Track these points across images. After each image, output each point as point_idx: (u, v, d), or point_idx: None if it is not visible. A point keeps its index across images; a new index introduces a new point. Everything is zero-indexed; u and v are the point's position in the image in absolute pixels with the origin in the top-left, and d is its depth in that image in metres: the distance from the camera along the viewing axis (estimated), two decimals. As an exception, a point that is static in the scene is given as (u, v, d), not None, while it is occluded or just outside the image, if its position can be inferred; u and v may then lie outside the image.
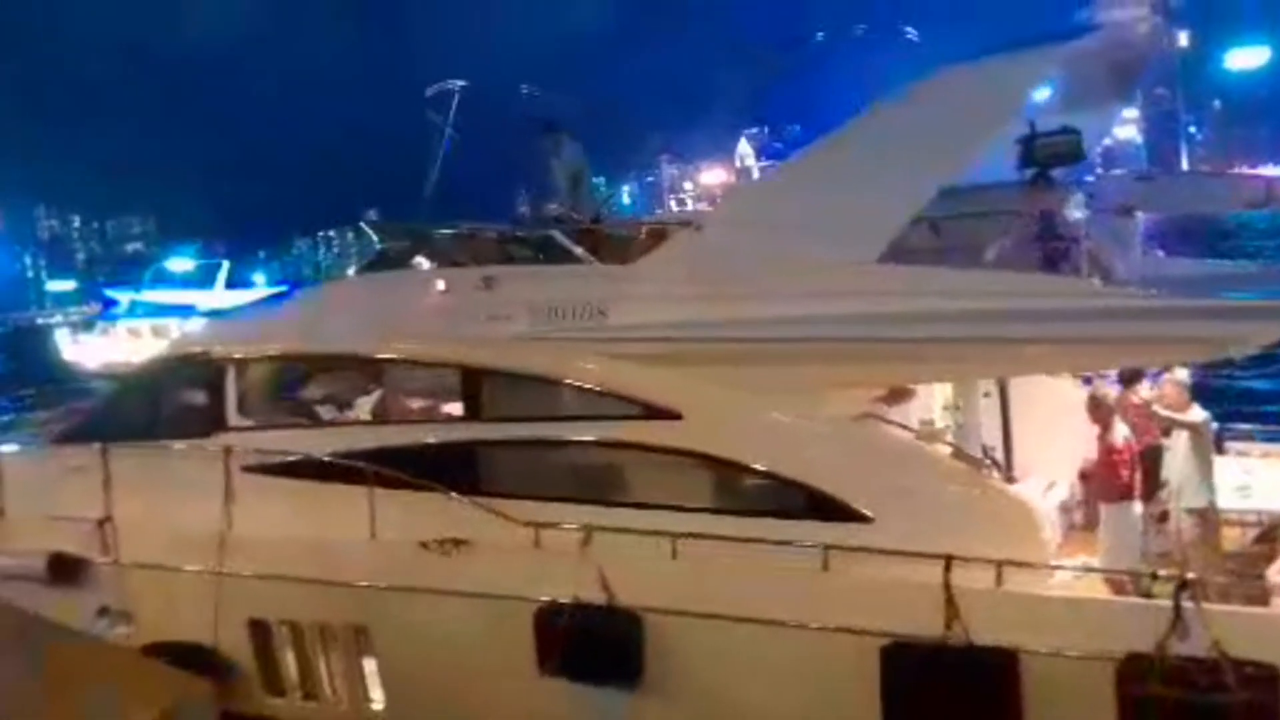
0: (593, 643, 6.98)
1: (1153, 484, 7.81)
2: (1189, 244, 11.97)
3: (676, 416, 7.55)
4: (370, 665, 8.23)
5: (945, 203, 7.14)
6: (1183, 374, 7.98)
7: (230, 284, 44.76)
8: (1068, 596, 6.49)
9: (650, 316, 7.64)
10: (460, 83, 9.49)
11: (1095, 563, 7.37)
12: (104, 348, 41.63)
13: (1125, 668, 5.79)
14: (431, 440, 8.33)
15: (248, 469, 8.59)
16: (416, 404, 8.99)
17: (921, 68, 7.51)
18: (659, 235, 8.38)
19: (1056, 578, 6.77)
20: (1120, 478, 7.46)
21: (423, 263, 9.11)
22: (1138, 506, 7.52)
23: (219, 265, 45.69)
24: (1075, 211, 7.21)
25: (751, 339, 7.32)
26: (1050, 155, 7.33)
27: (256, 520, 8.39)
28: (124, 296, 44.59)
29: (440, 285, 8.51)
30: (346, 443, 8.52)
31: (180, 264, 48.14)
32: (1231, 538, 7.97)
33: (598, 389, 7.81)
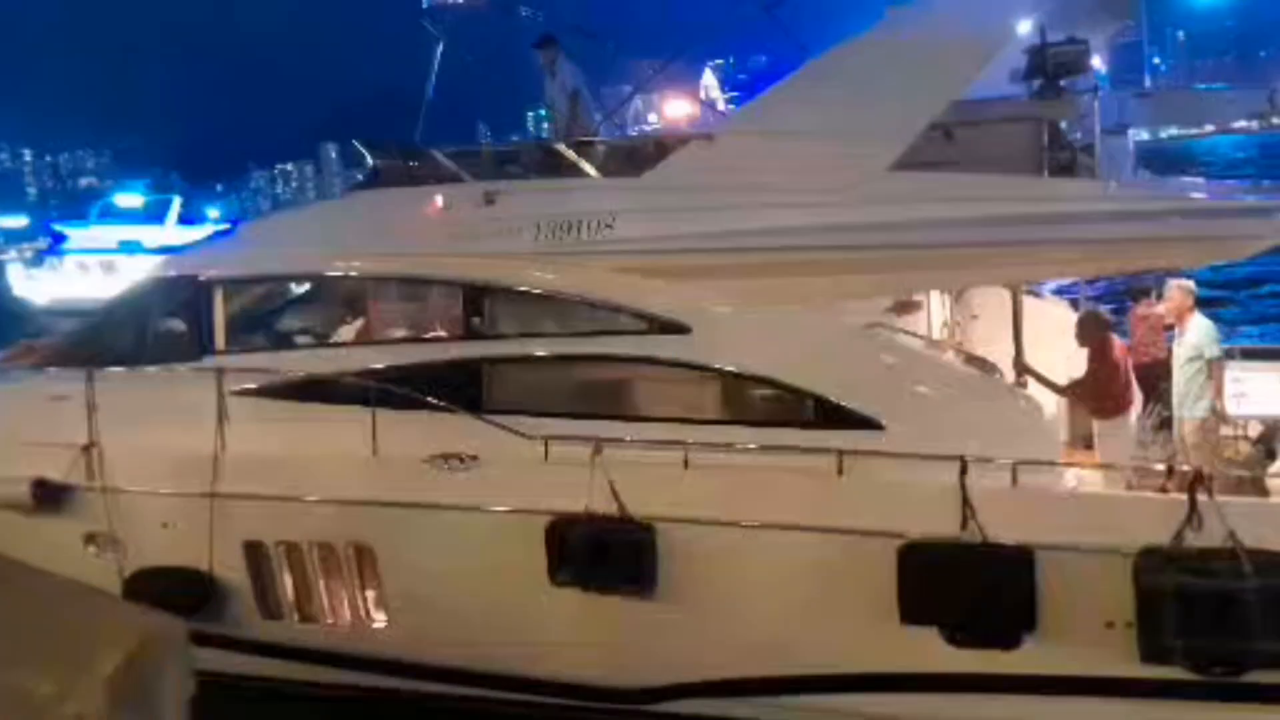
0: (606, 552, 6.98)
1: (1158, 397, 7.95)
2: (1156, 171, 12.14)
3: (684, 330, 7.51)
4: (372, 585, 8.17)
5: (957, 111, 7.12)
6: (1189, 283, 8.10)
7: (183, 219, 43.71)
8: (1082, 492, 6.60)
9: (660, 229, 7.57)
10: None
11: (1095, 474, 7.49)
12: (53, 283, 40.66)
13: (1142, 561, 5.90)
14: (432, 359, 8.21)
15: (239, 392, 8.43)
16: (415, 323, 8.85)
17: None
18: (664, 148, 8.27)
19: (1066, 481, 6.87)
20: (1114, 395, 7.57)
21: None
22: (1133, 419, 7.65)
23: (169, 200, 44.46)
24: (1085, 119, 7.23)
25: (763, 249, 7.28)
26: (1059, 65, 7.34)
27: (250, 443, 8.24)
28: (72, 231, 43.42)
29: (440, 201, 8.34)
30: (342, 364, 8.37)
31: (129, 199, 46.67)
32: (1228, 444, 8.14)
33: (603, 304, 7.75)
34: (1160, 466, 6.69)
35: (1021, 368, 7.30)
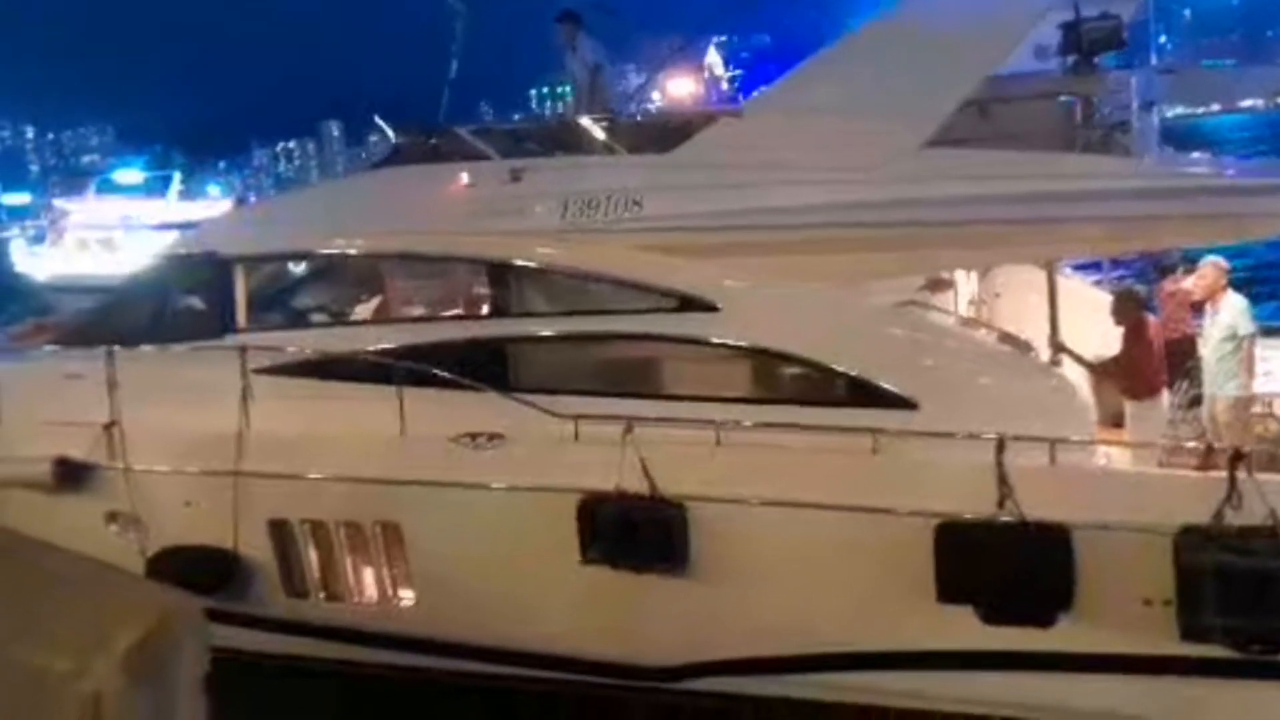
0: (637, 531, 6.96)
1: (1185, 375, 7.91)
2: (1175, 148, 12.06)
3: (713, 308, 7.47)
4: (399, 563, 8.16)
5: (990, 87, 7.07)
6: (1223, 261, 8.06)
7: (183, 195, 43.61)
8: (1120, 470, 6.58)
9: (688, 206, 7.51)
10: None
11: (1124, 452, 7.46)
12: (54, 260, 40.64)
13: (1183, 539, 5.88)
14: (457, 337, 8.17)
15: (261, 370, 8.39)
16: (440, 301, 8.80)
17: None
18: (690, 125, 8.20)
19: (1101, 459, 6.85)
20: (1148, 375, 7.52)
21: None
22: (1165, 400, 7.61)
23: (169, 176, 44.30)
24: (1120, 96, 7.17)
25: (793, 226, 7.23)
26: (1094, 41, 7.27)
27: (274, 422, 8.21)
28: (72, 207, 43.32)
29: (465, 178, 8.28)
30: (366, 342, 8.33)
31: (128, 175, 46.49)
32: (1257, 421, 8.11)
33: (631, 282, 7.70)
34: (1196, 445, 6.67)
35: (1057, 346, 7.26)
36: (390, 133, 9.10)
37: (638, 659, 7.52)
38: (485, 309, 8.24)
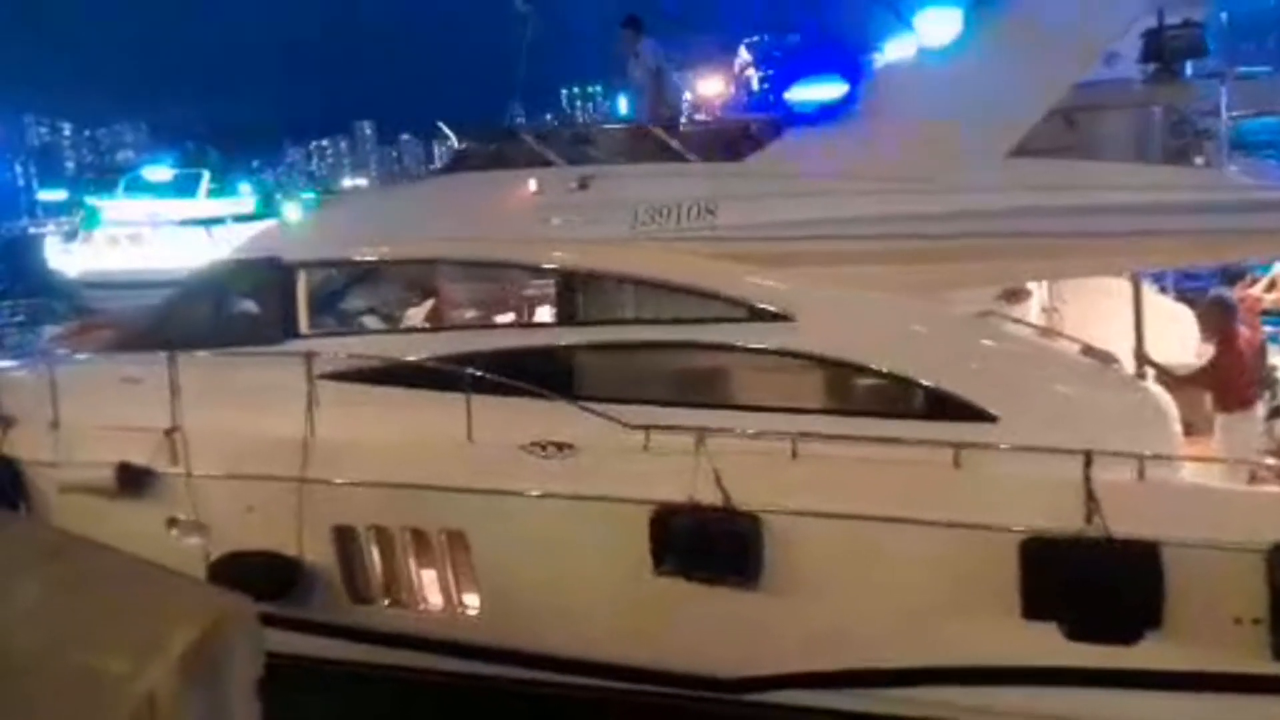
0: (712, 543, 6.91)
1: (1266, 385, 7.78)
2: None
3: (789, 318, 7.40)
4: (465, 571, 8.12)
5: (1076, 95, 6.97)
6: None
7: (215, 192, 43.78)
8: (1210, 486, 6.48)
9: (763, 215, 7.44)
10: None
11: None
12: (86, 256, 40.96)
13: (1275, 557, 5.79)
14: (525, 345, 8.13)
15: (325, 375, 8.37)
16: (507, 309, 8.76)
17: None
18: (763, 132, 8.13)
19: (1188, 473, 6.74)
20: (1240, 386, 7.38)
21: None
22: (1259, 412, 7.49)
23: (199, 174, 44.44)
24: (1204, 106, 7.07)
25: (871, 236, 7.15)
26: (1176, 49, 7.17)
27: (337, 428, 8.19)
28: (102, 204, 43.60)
29: (533, 185, 8.22)
30: (431, 348, 8.30)
31: (157, 172, 46.54)
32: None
33: (705, 291, 7.62)
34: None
35: (1142, 358, 7.16)
36: (453, 137, 9.06)
37: (707, 670, 7.46)
38: (554, 316, 8.19)
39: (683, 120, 8.68)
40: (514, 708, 8.29)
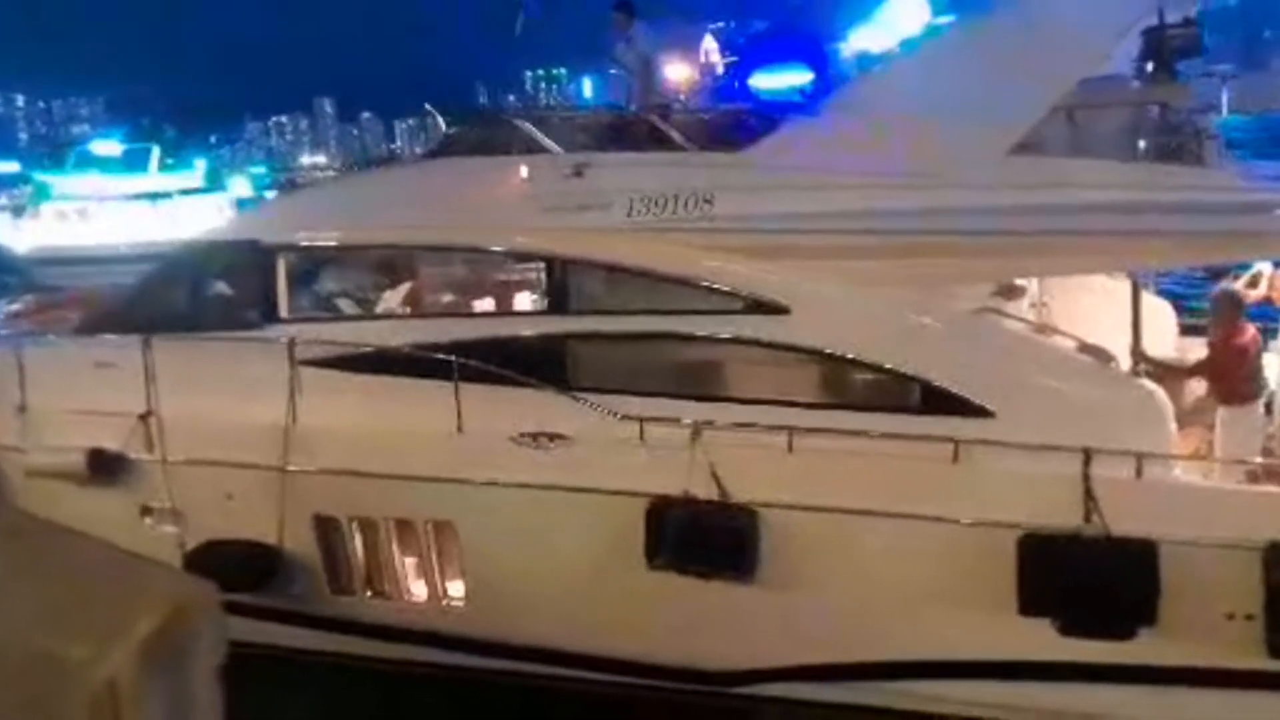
0: (707, 536, 6.85)
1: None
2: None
3: (784, 311, 7.34)
4: (451, 562, 8.00)
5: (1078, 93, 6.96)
6: None
7: (169, 168, 42.90)
8: (1207, 485, 6.53)
9: (761, 207, 7.37)
10: None
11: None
12: (35, 232, 40.07)
13: (1271, 554, 5.84)
14: (516, 333, 8.01)
15: (306, 362, 8.18)
16: (497, 296, 8.61)
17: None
18: (761, 123, 8.04)
19: (1181, 471, 6.79)
20: (1242, 380, 7.42)
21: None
22: (1260, 407, 7.54)
23: (148, 149, 43.48)
24: (1202, 105, 7.10)
25: (870, 231, 7.11)
26: (1175, 48, 7.19)
27: (319, 416, 8.02)
28: (51, 179, 42.64)
29: (525, 172, 8.08)
30: (418, 336, 8.14)
31: (106, 146, 45.41)
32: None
33: (699, 282, 7.54)
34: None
35: (1140, 356, 7.19)
36: (441, 120, 8.86)
37: (701, 663, 7.43)
38: (546, 305, 8.06)
39: (676, 106, 8.55)
40: (500, 701, 8.20)
